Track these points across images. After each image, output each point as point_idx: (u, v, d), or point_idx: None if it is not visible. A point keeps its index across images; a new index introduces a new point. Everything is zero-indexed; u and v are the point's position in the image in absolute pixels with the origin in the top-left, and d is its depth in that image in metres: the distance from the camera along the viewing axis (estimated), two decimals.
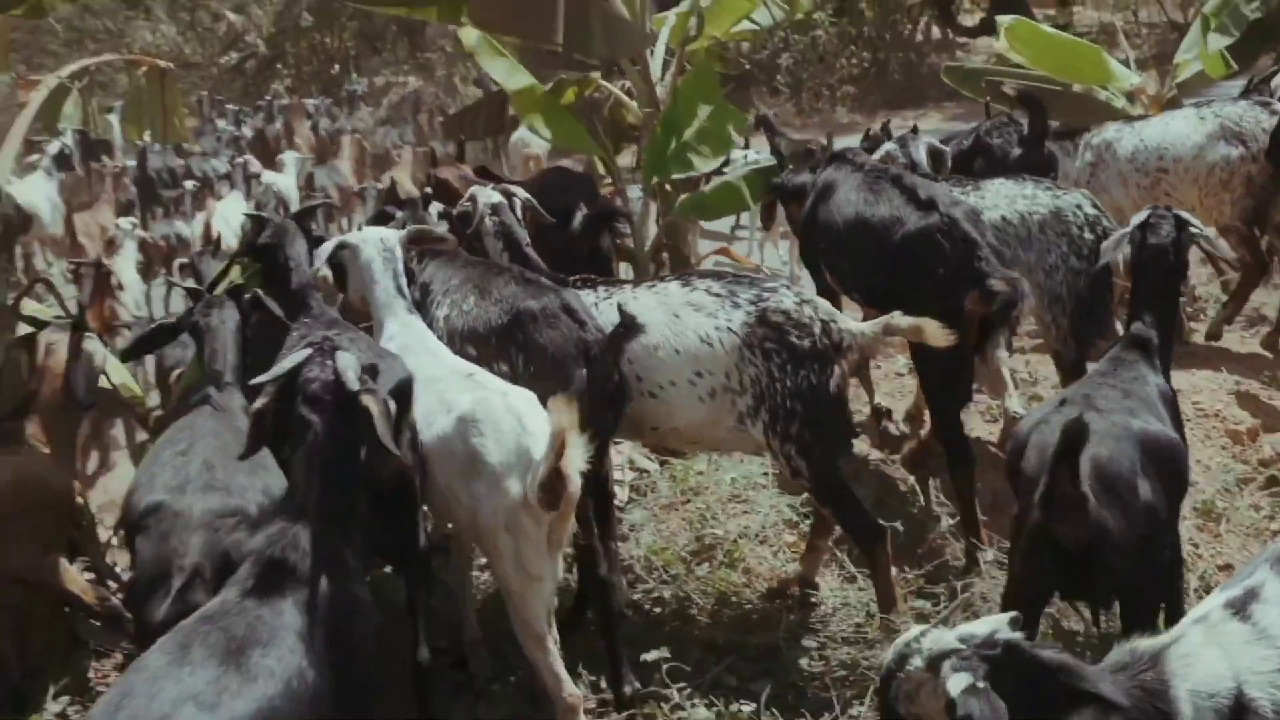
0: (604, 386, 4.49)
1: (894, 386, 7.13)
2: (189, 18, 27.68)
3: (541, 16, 6.36)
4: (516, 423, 4.10)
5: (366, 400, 3.39)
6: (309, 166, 14.75)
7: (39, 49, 24.40)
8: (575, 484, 3.94)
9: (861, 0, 23.49)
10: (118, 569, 5.46)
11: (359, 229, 5.98)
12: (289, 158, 14.54)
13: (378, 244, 4.59)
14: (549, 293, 4.86)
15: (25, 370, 5.11)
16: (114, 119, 15.13)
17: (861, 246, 5.66)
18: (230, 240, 10.43)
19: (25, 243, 12.82)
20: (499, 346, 4.80)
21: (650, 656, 4.66)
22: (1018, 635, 2.81)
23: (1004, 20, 7.73)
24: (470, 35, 6.84)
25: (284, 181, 13.48)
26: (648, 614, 5.21)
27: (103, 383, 5.40)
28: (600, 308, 4.95)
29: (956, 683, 2.68)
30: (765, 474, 6.03)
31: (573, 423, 3.76)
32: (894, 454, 6.57)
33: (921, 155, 6.57)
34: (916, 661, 2.82)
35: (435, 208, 6.07)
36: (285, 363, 3.52)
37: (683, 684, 4.58)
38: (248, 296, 4.70)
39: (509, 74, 6.84)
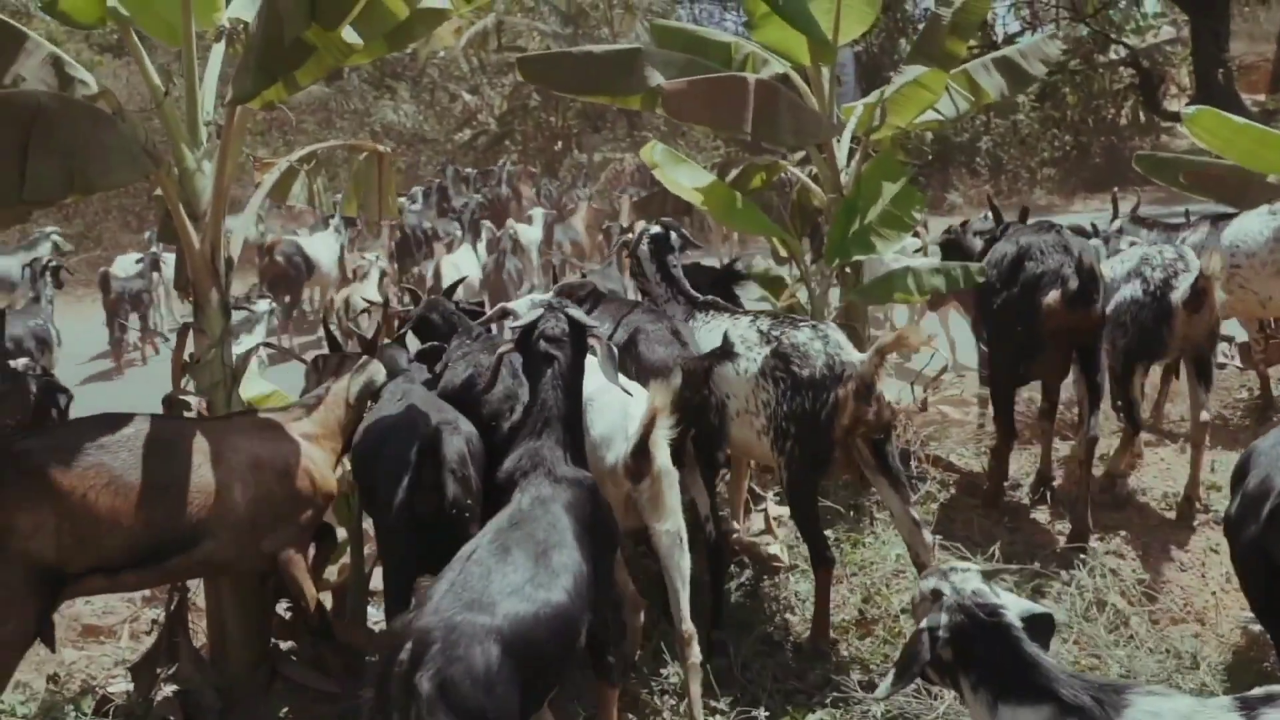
0: (690, 396, 4.98)
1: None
2: (429, 98, 28.93)
3: (731, 108, 6.44)
4: (622, 410, 4.74)
5: (594, 338, 4.45)
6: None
7: (295, 127, 25.94)
8: (659, 461, 4.60)
9: (1065, 86, 23.00)
10: None
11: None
12: (537, 213, 17.05)
13: (528, 304, 5.22)
14: (664, 319, 5.75)
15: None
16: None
17: (990, 281, 6.47)
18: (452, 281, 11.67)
19: (309, 284, 15.53)
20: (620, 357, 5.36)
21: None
22: (1016, 620, 3.12)
23: (1188, 110, 7.47)
24: (651, 152, 7.02)
25: (532, 233, 15.79)
26: (809, 681, 5.20)
27: None
28: (706, 325, 5.84)
29: (930, 620, 3.15)
30: None
31: (665, 405, 4.44)
32: (1059, 520, 6.46)
33: None
34: (933, 583, 3.27)
35: None
36: (526, 318, 4.46)
37: None
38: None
39: (692, 178, 6.97)
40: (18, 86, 4.91)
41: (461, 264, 14.26)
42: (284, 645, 5.52)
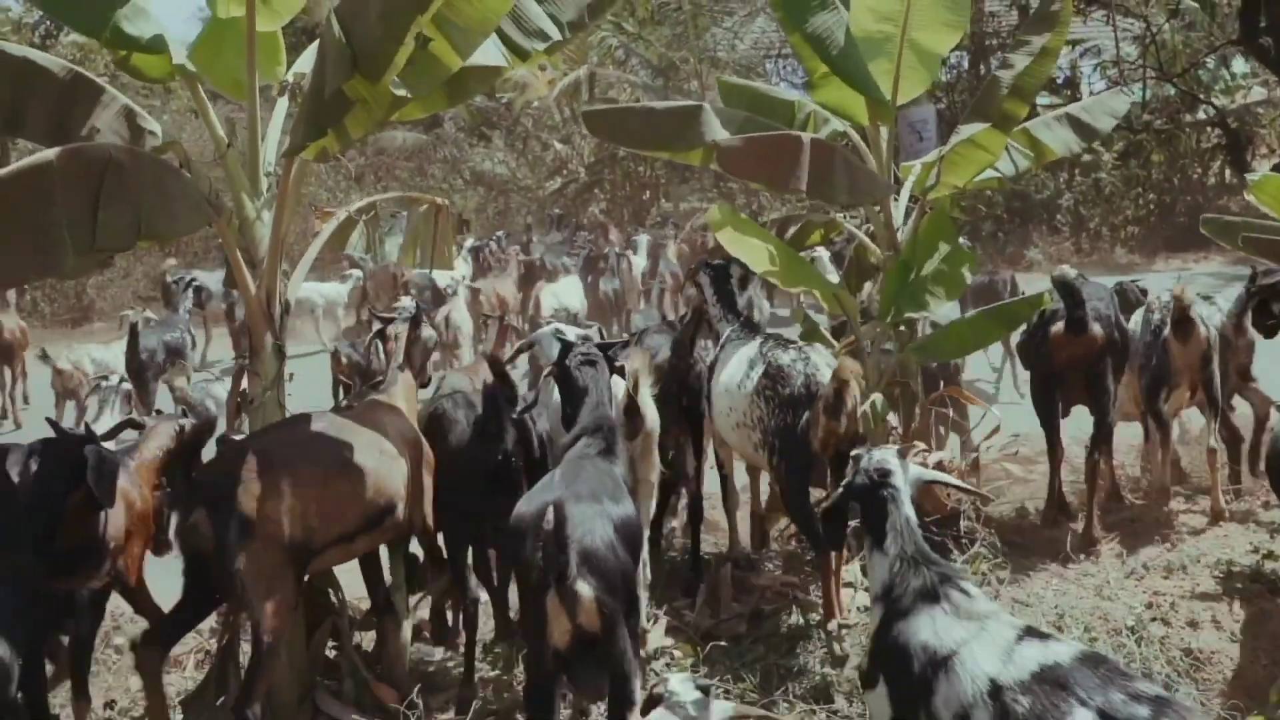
0: (682, 378, 6.46)
1: None
2: (522, 146, 29.28)
3: (786, 166, 6.41)
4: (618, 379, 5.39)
5: (628, 366, 5.27)
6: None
7: (386, 172, 26.46)
8: (649, 419, 5.36)
9: (1150, 145, 22.58)
10: None
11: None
12: (642, 239, 18.73)
13: (551, 333, 6.11)
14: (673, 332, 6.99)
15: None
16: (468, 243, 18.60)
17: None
18: (551, 308, 14.63)
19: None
20: None
21: None
22: (901, 485, 3.86)
23: (1252, 176, 7.30)
24: (715, 214, 7.03)
25: (639, 261, 17.70)
26: None
27: None
28: (734, 343, 6.40)
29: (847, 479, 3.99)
30: None
31: (645, 367, 5.36)
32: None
33: None
34: (859, 450, 4.07)
35: None
36: (568, 343, 5.39)
37: None
38: None
39: (752, 239, 6.98)
40: (92, 138, 5.07)
41: (561, 293, 15.78)
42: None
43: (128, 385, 8.17)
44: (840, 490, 4.01)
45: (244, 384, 5.53)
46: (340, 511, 4.93)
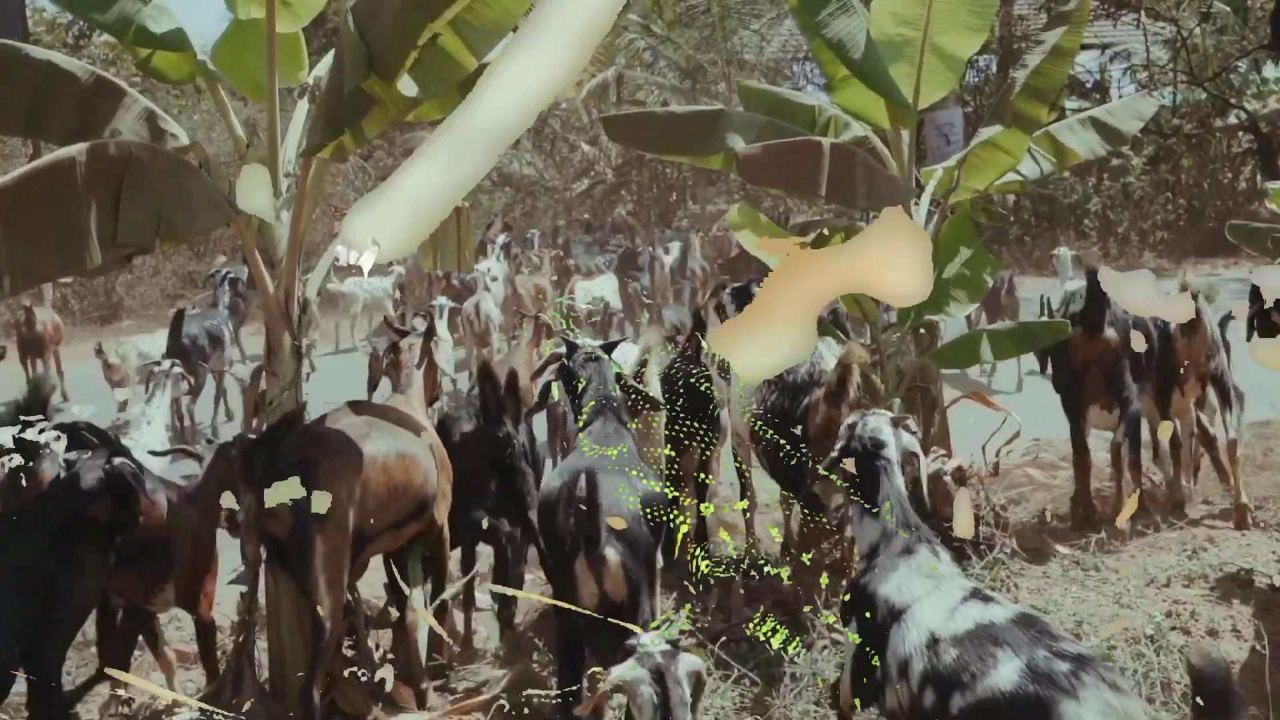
0: (685, 381, 6.60)
1: None
2: (549, 147, 29.28)
3: (806, 172, 6.32)
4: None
5: (641, 341, 5.72)
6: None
7: None
8: (654, 399, 5.71)
9: (1180, 149, 22.39)
10: None
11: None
12: (674, 246, 19.22)
13: (569, 350, 6.12)
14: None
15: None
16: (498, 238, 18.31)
17: None
18: (584, 303, 15.07)
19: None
20: None
21: None
22: (893, 456, 4.09)
23: (1274, 185, 7.26)
24: (735, 214, 7.00)
25: (670, 260, 18.51)
26: None
27: None
28: None
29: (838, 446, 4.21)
30: None
31: (652, 347, 5.96)
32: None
33: None
34: (855, 418, 4.26)
35: None
36: (566, 349, 5.49)
37: None
38: None
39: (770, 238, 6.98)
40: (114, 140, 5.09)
41: (594, 289, 16.29)
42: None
43: (179, 369, 8.40)
44: (833, 455, 4.20)
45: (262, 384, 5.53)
46: (394, 498, 5.09)
